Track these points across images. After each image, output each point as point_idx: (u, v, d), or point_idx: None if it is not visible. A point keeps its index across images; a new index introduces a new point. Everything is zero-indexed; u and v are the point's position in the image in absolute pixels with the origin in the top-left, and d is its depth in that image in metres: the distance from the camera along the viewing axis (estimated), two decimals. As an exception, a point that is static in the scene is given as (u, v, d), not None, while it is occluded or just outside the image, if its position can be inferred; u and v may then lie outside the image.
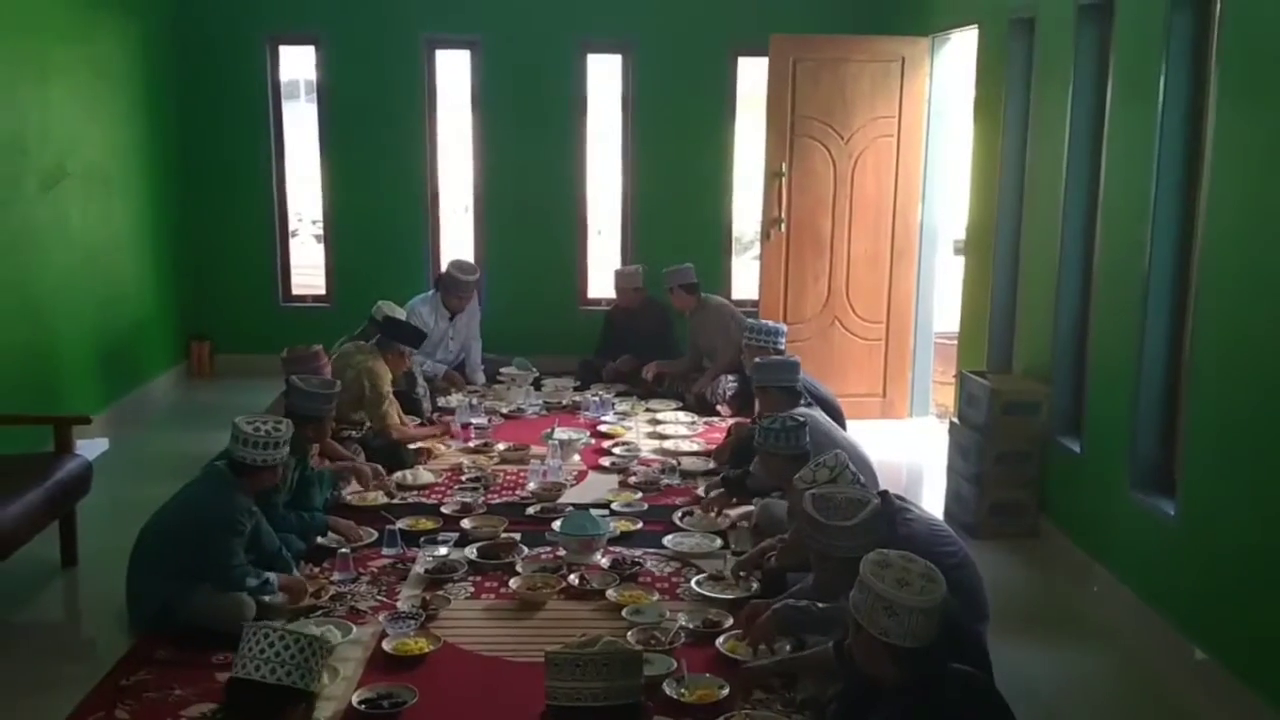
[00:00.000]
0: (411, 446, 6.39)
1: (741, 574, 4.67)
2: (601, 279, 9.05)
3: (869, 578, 2.70)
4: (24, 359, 5.97)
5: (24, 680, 4.01)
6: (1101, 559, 4.99)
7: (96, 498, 5.07)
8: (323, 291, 8.84)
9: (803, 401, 5.40)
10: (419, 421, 6.80)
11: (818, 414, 5.30)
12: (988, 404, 5.63)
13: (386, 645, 4.10)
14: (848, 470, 3.98)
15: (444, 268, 7.92)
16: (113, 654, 4.12)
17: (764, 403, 5.61)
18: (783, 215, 7.56)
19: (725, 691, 3.79)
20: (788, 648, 3.94)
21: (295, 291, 8.90)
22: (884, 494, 4.08)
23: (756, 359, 5.79)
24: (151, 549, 4.33)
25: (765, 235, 7.62)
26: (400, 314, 7.09)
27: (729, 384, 7.35)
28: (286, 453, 4.46)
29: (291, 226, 9.10)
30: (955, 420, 6.06)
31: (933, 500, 6.02)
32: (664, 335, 8.18)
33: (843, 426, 6.02)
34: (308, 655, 2.59)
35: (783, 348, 6.25)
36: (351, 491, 5.67)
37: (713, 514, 5.40)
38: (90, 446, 6.79)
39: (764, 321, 6.51)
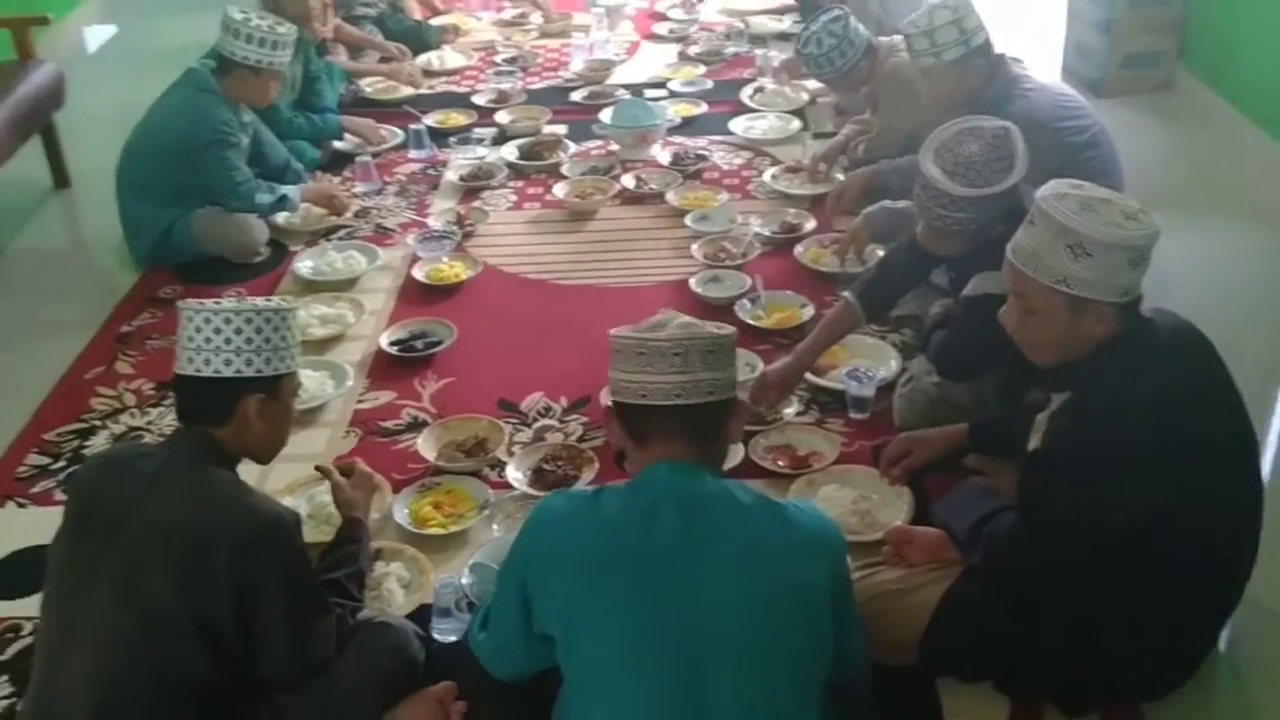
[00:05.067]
0: (435, 22, 5.56)
1: (823, 165, 3.97)
2: None
3: (1104, 230, 1.84)
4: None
5: (21, 323, 3.58)
6: (1258, 120, 4.17)
7: (93, 99, 4.39)
8: None
9: None
10: None
11: None
12: (1125, -69, 4.60)
13: (418, 273, 3.58)
14: (974, 13, 3.14)
15: None
16: (115, 292, 3.66)
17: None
18: None
19: (808, 311, 3.25)
20: (879, 253, 3.32)
21: None
22: (1000, 57, 3.27)
23: None
24: (137, 171, 3.74)
25: None
26: None
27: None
28: (285, 59, 3.72)
29: None
30: (1081, -46, 5.02)
31: (1048, 54, 5.12)
32: None
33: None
34: (268, 334, 2.01)
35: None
36: (371, 83, 4.94)
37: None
38: (96, 34, 6.10)
39: None
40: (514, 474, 2.70)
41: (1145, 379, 1.88)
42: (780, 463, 2.72)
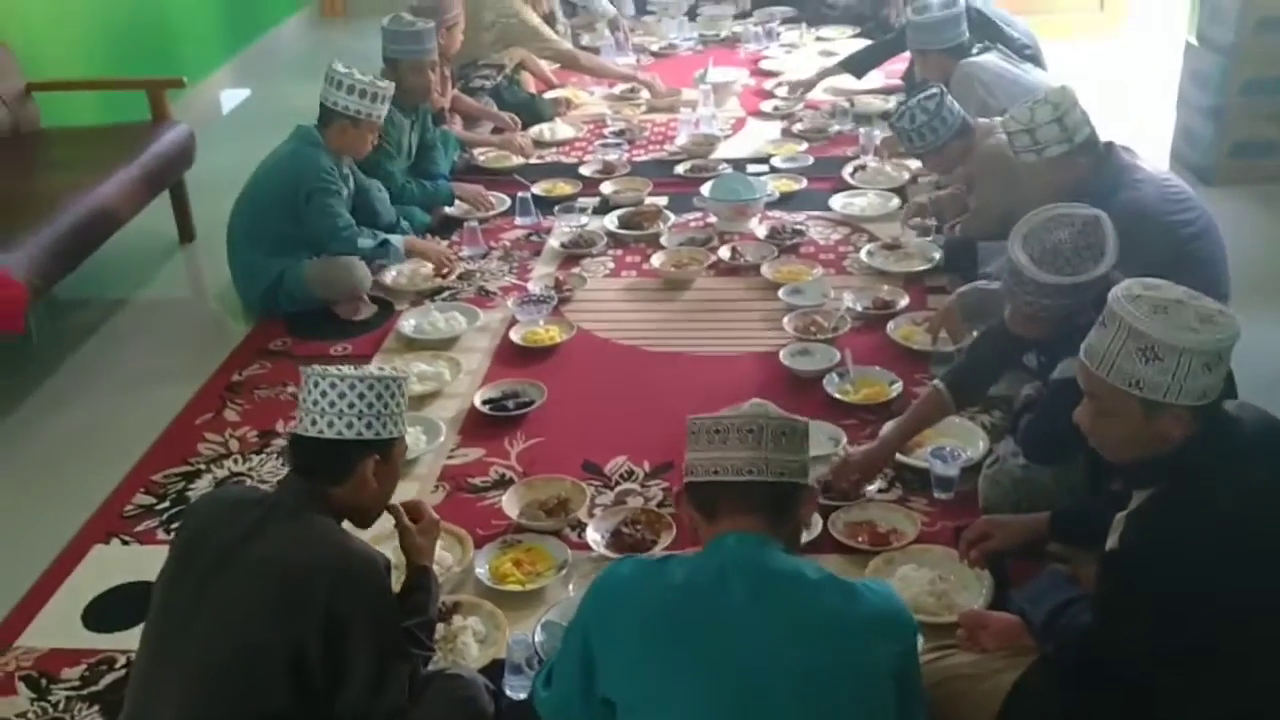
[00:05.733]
0: (549, 95, 5.73)
1: (911, 224, 4.01)
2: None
3: (1175, 334, 1.79)
4: (128, 19, 5.41)
5: (139, 369, 3.76)
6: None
7: (222, 158, 4.62)
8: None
9: (974, 50, 4.38)
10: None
11: (988, 59, 4.31)
12: (1237, 17, 4.54)
13: (515, 335, 3.67)
14: (1078, 109, 3.11)
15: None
16: (228, 342, 3.83)
17: (925, 69, 4.53)
18: None
19: (897, 388, 3.24)
20: (974, 333, 3.30)
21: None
22: (1109, 146, 3.24)
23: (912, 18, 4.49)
24: (246, 223, 3.94)
25: None
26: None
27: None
28: (383, 112, 3.89)
29: None
30: (1193, 41, 4.97)
31: (1157, 140, 5.07)
32: None
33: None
34: (386, 400, 2.12)
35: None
36: (483, 151, 5.11)
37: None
38: (230, 96, 6.42)
39: None
40: (593, 535, 2.74)
41: (1227, 480, 1.84)
42: (860, 539, 2.71)
